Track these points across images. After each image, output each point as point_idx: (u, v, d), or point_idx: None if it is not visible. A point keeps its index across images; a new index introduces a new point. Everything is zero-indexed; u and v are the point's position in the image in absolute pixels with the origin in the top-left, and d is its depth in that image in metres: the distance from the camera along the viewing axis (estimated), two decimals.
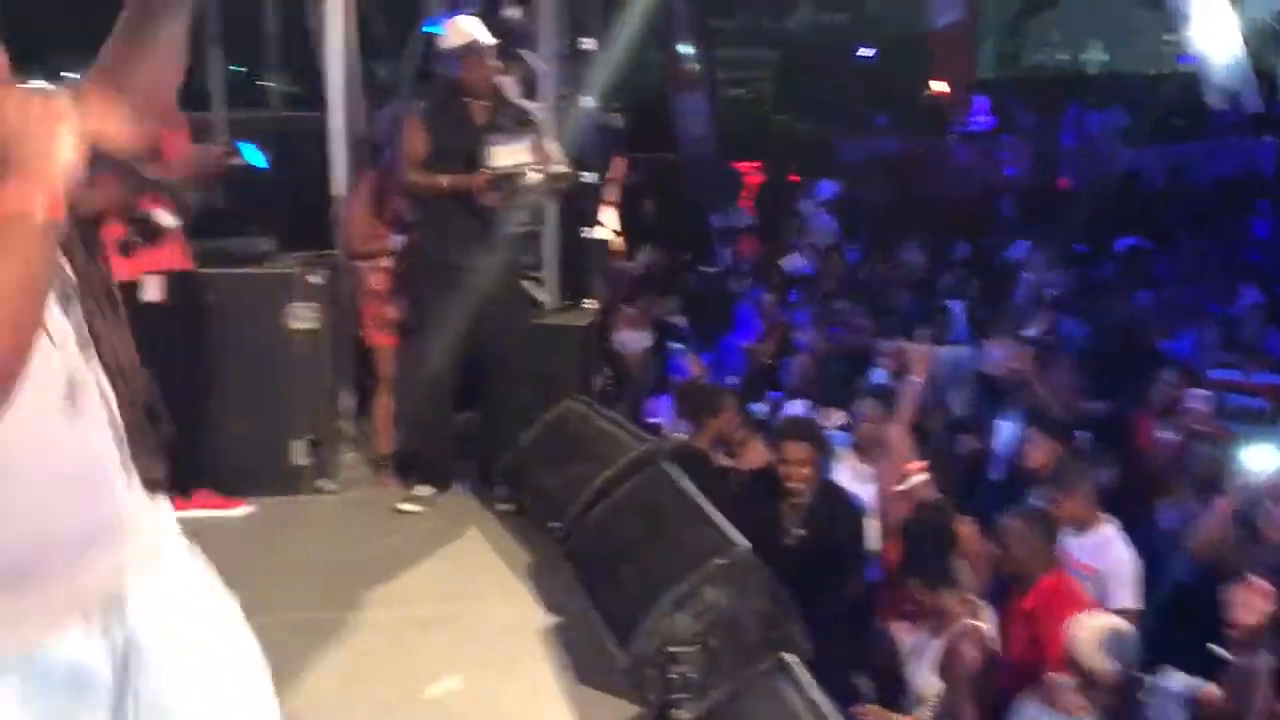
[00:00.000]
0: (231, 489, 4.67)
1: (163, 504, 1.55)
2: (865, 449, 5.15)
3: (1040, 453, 4.83)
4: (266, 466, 4.80)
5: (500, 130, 4.66)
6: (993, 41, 26.40)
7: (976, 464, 5.61)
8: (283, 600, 3.90)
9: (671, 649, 3.08)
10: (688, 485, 3.78)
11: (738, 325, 7.92)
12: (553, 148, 4.89)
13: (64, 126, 1.27)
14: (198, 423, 4.55)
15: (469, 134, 4.66)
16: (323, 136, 5.55)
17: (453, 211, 4.68)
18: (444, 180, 4.65)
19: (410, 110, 5.06)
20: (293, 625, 3.72)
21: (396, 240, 5.22)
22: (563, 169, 4.83)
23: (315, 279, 4.86)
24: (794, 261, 9.40)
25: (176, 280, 4.34)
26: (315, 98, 7.07)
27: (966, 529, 4.26)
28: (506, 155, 4.60)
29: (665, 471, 3.90)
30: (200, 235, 4.65)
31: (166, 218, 4.22)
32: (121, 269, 4.17)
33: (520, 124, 4.73)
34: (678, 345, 7.08)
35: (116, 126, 1.41)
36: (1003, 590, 4.18)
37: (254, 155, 4.63)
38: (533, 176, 4.62)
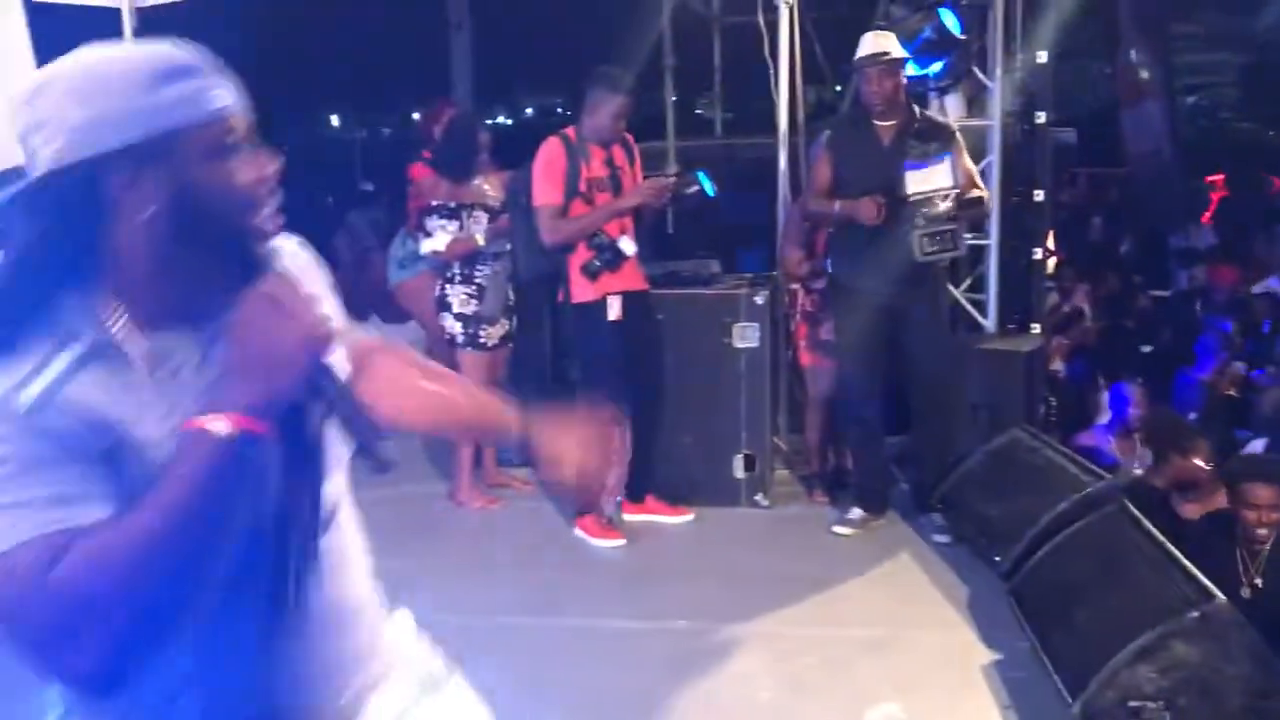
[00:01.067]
0: (677, 497, 4.92)
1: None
2: None
3: None
4: (708, 478, 5.01)
5: (906, 151, 4.55)
6: None
7: None
8: (718, 608, 4.06)
9: (1133, 704, 2.87)
10: (1150, 528, 3.50)
11: (1198, 356, 7.22)
12: (970, 168, 4.70)
13: (301, 327, 1.18)
14: (652, 432, 4.84)
15: (874, 156, 4.58)
16: (761, 161, 5.72)
17: (854, 236, 4.61)
18: (835, 205, 4.62)
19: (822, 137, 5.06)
20: (729, 635, 3.86)
21: (828, 263, 5.27)
22: (977, 193, 4.64)
23: (758, 300, 5.01)
24: (1268, 285, 8.42)
25: (634, 300, 4.64)
26: (747, 123, 7.31)
27: None
28: (920, 181, 4.47)
29: (1125, 511, 3.63)
30: (655, 258, 4.95)
31: (628, 244, 4.51)
32: (587, 290, 4.53)
33: (929, 141, 4.58)
34: (1129, 376, 6.54)
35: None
36: None
37: (707, 184, 4.84)
38: (944, 203, 4.46)
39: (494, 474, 5.33)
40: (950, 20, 5.16)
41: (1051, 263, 7.59)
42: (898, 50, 4.63)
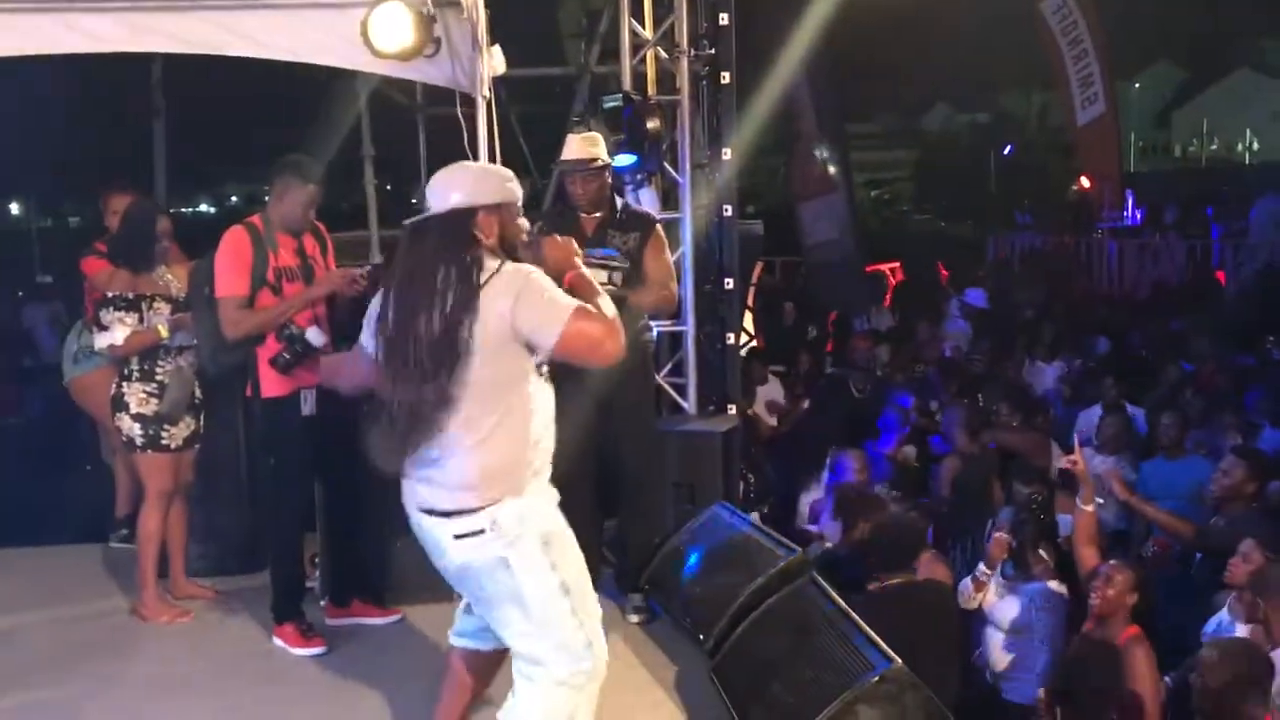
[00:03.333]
0: (384, 596, 4.75)
1: None
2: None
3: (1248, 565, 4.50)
4: (417, 575, 4.85)
5: (605, 241, 4.65)
6: (1137, 134, 25.91)
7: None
8: (427, 712, 3.92)
9: None
10: (835, 597, 3.68)
11: (882, 431, 7.75)
12: (665, 260, 4.85)
13: (566, 246, 3.16)
14: (353, 532, 4.66)
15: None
16: None
17: None
18: None
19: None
20: None
21: None
22: (655, 295, 4.76)
23: None
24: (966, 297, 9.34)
25: (328, 395, 4.47)
26: None
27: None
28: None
29: (815, 583, 3.80)
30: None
31: (316, 335, 4.36)
32: (278, 385, 4.34)
33: (630, 231, 4.71)
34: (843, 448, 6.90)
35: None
36: None
37: None
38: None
39: (182, 585, 4.96)
40: (623, 161, 5.39)
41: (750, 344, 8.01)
42: (604, 155, 4.79)
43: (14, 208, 28.06)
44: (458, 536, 2.98)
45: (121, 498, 5.72)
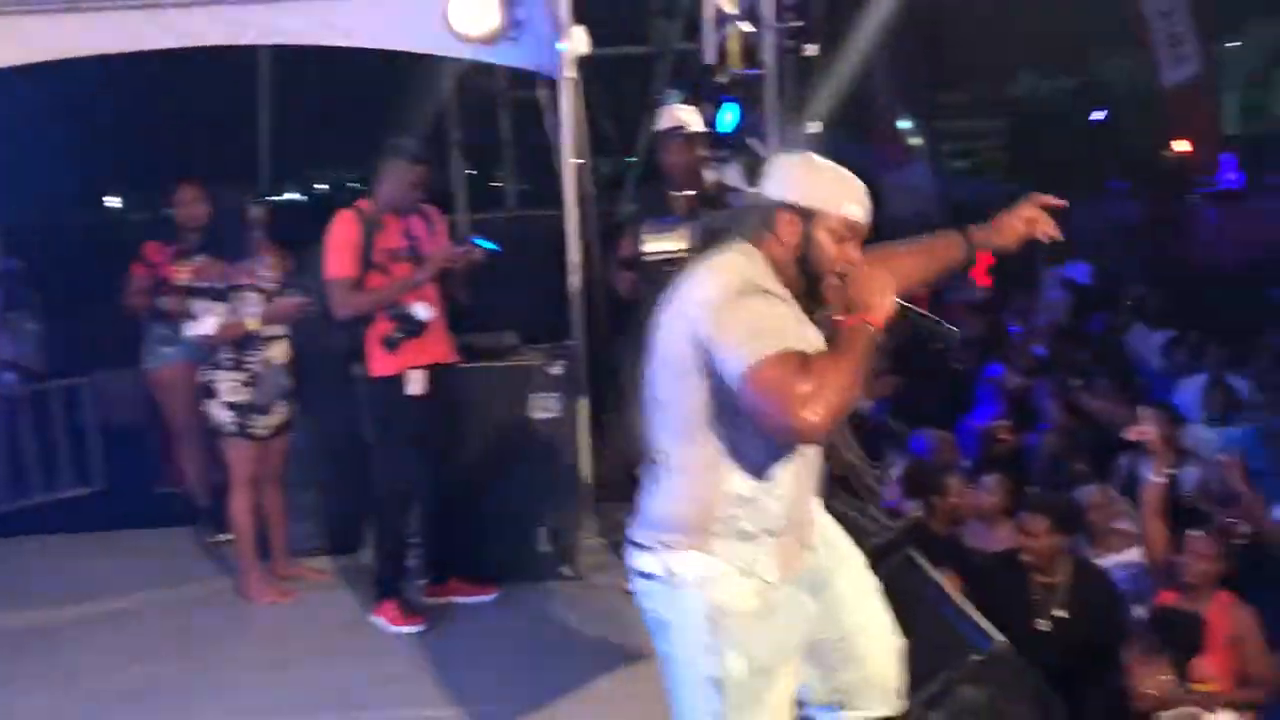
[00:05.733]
0: (482, 575, 4.82)
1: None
2: (1096, 535, 4.86)
3: None
4: (512, 553, 4.92)
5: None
6: (1237, 95, 24.95)
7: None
8: (524, 688, 3.97)
9: None
10: (933, 573, 3.63)
11: (976, 405, 7.60)
12: None
13: (885, 289, 2.31)
14: (455, 512, 4.73)
15: None
16: (556, 231, 5.74)
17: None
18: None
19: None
20: (535, 715, 3.77)
21: None
22: None
23: (555, 370, 5.00)
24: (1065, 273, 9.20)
25: (438, 374, 4.54)
26: (543, 196, 7.41)
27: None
28: (656, 242, 4.54)
29: (910, 559, 3.76)
30: (451, 331, 4.88)
31: (422, 310, 4.42)
32: (387, 364, 4.42)
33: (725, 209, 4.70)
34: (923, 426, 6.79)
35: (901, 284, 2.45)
36: None
37: (485, 244, 4.77)
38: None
39: (284, 565, 5.08)
40: (732, 115, 5.32)
41: None
42: (697, 124, 4.77)
43: (114, 201, 28.80)
44: (639, 574, 2.50)
45: (193, 481, 5.80)
